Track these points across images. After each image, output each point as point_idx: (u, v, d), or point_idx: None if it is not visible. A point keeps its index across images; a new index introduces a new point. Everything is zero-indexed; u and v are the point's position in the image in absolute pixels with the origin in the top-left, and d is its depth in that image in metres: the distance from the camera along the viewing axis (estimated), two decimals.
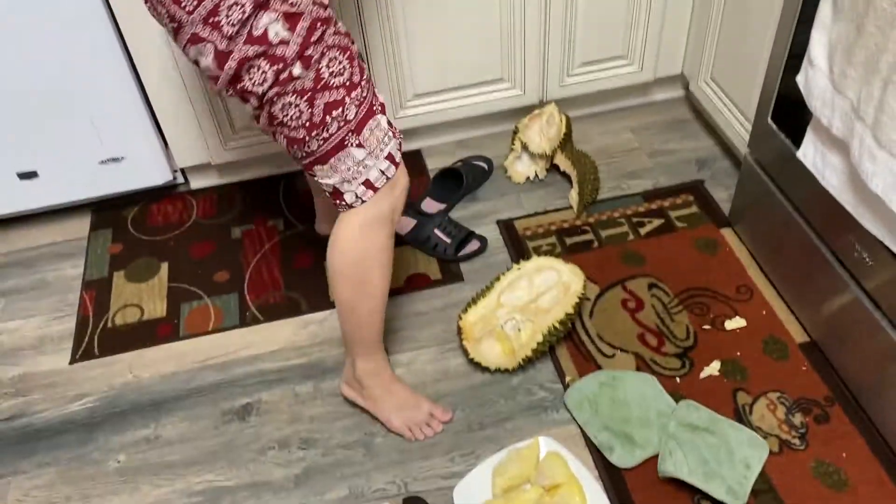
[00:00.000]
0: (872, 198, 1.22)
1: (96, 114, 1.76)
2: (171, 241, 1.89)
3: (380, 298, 1.35)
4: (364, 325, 1.37)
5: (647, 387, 1.48)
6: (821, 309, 1.50)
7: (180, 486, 1.43)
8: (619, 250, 1.77)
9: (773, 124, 1.53)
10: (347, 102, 1.15)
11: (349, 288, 1.31)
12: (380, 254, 1.29)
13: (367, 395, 1.47)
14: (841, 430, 1.41)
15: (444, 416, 1.48)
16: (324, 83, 1.12)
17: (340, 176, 1.20)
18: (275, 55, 1.06)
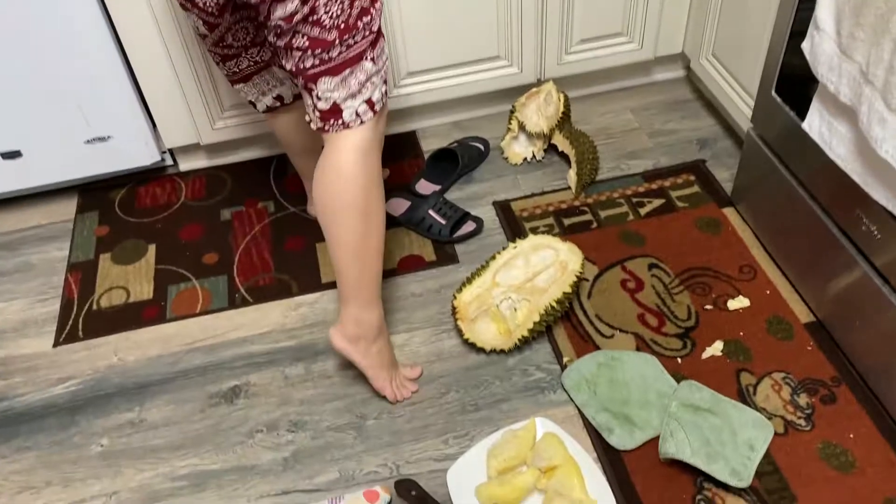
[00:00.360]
0: (882, 166, 1.18)
1: (82, 92, 1.71)
2: (158, 224, 1.84)
3: (383, 232, 1.29)
4: (372, 263, 1.30)
5: (647, 367, 1.43)
6: (827, 287, 1.45)
7: (164, 469, 1.38)
8: (619, 230, 1.73)
9: (777, 97, 1.48)
10: (373, 13, 1.15)
11: (359, 221, 1.23)
12: (380, 181, 1.24)
13: (364, 350, 1.38)
14: (848, 410, 1.36)
15: (412, 373, 1.46)
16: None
17: (347, 90, 1.16)
18: None
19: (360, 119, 1.18)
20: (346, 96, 1.17)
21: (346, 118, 1.18)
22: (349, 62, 1.15)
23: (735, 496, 1.26)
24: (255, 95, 1.49)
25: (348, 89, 1.16)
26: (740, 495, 1.26)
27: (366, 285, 1.32)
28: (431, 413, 1.43)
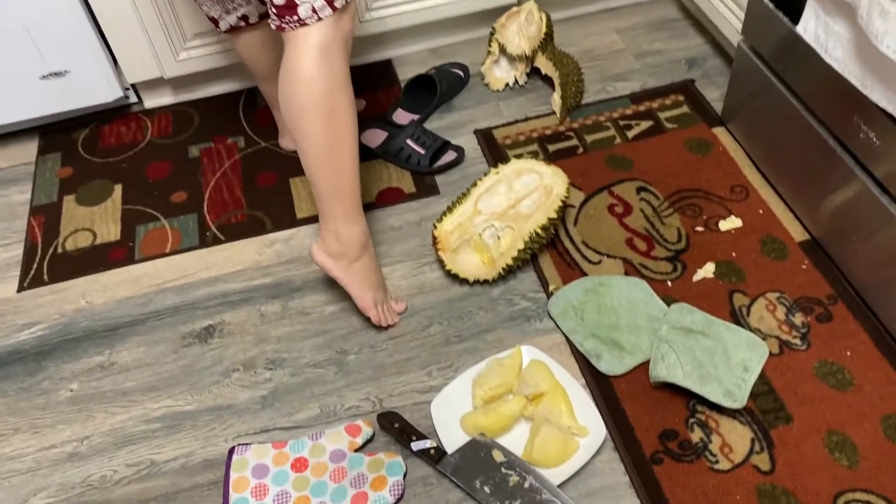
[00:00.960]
0: (882, 64, 1.10)
1: (31, 21, 1.60)
2: (124, 163, 1.76)
3: (355, 136, 1.20)
4: (345, 170, 1.21)
5: (636, 291, 1.38)
6: (823, 203, 1.39)
7: (137, 412, 1.33)
8: (606, 155, 1.65)
9: (770, 3, 1.40)
10: None
11: (323, 124, 1.15)
12: (346, 82, 1.15)
13: (345, 267, 1.31)
14: (844, 328, 1.32)
15: (397, 307, 1.41)
16: None
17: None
18: None
19: (318, 15, 1.09)
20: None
21: (302, 14, 1.09)
22: None
23: (729, 418, 1.22)
24: (219, 13, 1.40)
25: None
26: (734, 417, 1.22)
27: (342, 197, 1.23)
28: (414, 346, 1.38)
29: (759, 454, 1.18)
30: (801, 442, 1.19)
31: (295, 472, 1.19)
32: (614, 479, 1.18)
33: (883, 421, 1.20)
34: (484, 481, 1.16)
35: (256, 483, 1.18)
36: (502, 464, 1.17)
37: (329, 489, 1.17)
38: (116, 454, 1.28)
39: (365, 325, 1.41)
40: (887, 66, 1.09)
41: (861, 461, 1.16)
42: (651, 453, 1.19)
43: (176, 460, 1.26)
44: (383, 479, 1.17)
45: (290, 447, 1.22)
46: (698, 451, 1.19)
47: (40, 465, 1.27)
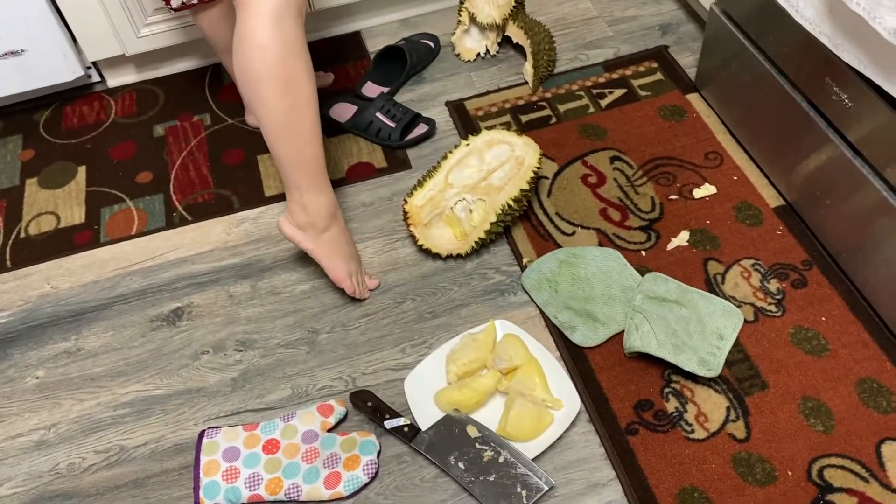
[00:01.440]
0: (852, 23, 1.08)
1: None
2: (88, 144, 1.71)
3: (313, 105, 1.17)
4: (306, 139, 1.18)
5: (610, 262, 1.36)
6: (797, 168, 1.38)
7: (106, 398, 1.30)
8: (579, 124, 1.63)
9: None
10: None
11: (280, 92, 1.12)
12: (301, 50, 1.12)
13: (314, 237, 1.29)
14: (819, 293, 1.31)
15: (370, 283, 1.39)
16: None
17: None
18: None
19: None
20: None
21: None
22: None
23: (704, 387, 1.21)
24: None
25: None
26: (709, 385, 1.21)
27: (305, 166, 1.21)
28: (387, 323, 1.36)
29: (735, 422, 1.17)
30: (776, 409, 1.18)
31: (266, 454, 1.17)
32: (589, 451, 1.17)
33: (857, 385, 1.19)
34: (458, 457, 1.15)
35: (228, 466, 1.17)
36: (476, 439, 1.16)
37: (302, 470, 1.15)
38: (85, 441, 1.25)
39: (337, 303, 1.39)
40: (857, 25, 1.07)
41: (836, 426, 1.16)
42: (626, 424, 1.18)
43: (146, 445, 1.24)
44: (356, 459, 1.15)
45: (261, 429, 1.20)
46: (673, 420, 1.18)
47: (6, 455, 1.24)
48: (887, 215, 1.17)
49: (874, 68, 1.07)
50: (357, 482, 1.14)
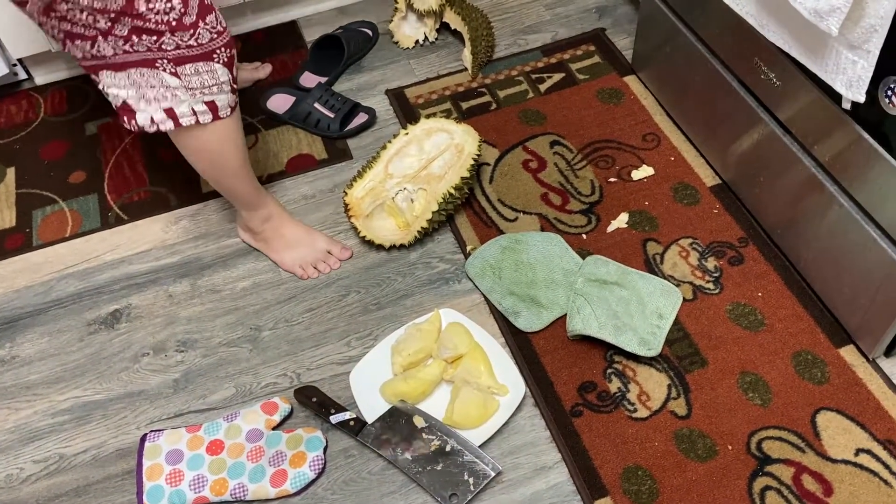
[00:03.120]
0: (775, 3, 1.10)
1: None
2: (16, 144, 1.65)
3: (240, 166, 1.26)
4: (235, 188, 1.31)
5: (551, 246, 1.37)
6: (731, 147, 1.40)
7: (43, 406, 1.27)
8: (519, 110, 1.63)
9: None
10: (164, 38, 1.05)
11: (209, 171, 1.27)
12: (226, 144, 1.21)
13: (260, 238, 1.41)
14: (756, 270, 1.34)
15: (342, 254, 1.41)
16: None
17: (136, 90, 1.09)
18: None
19: (158, 126, 1.12)
20: (137, 97, 1.10)
21: (140, 122, 1.12)
22: (132, 63, 1.07)
23: (646, 366, 1.23)
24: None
25: (137, 89, 1.10)
26: (651, 364, 1.23)
27: (237, 200, 1.34)
28: (331, 317, 1.35)
29: (676, 399, 1.19)
30: (715, 384, 1.21)
31: (211, 454, 1.16)
32: (536, 435, 1.18)
33: (793, 358, 1.23)
34: (405, 448, 1.14)
35: (171, 469, 1.15)
36: (423, 429, 1.16)
37: (247, 470, 1.14)
38: (22, 451, 1.22)
39: (280, 298, 1.37)
40: (781, 5, 1.08)
41: (773, 399, 1.19)
42: (570, 406, 1.20)
43: (86, 452, 1.21)
44: (302, 455, 1.14)
45: (204, 430, 1.19)
46: (616, 401, 1.20)
47: None
48: (816, 192, 1.20)
49: (798, 48, 1.08)
50: (304, 479, 1.13)
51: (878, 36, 0.93)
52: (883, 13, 0.91)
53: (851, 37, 0.97)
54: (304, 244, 1.39)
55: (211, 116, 1.14)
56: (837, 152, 1.13)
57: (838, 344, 1.23)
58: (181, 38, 1.05)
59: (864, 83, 0.98)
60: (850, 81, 1.00)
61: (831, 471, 1.11)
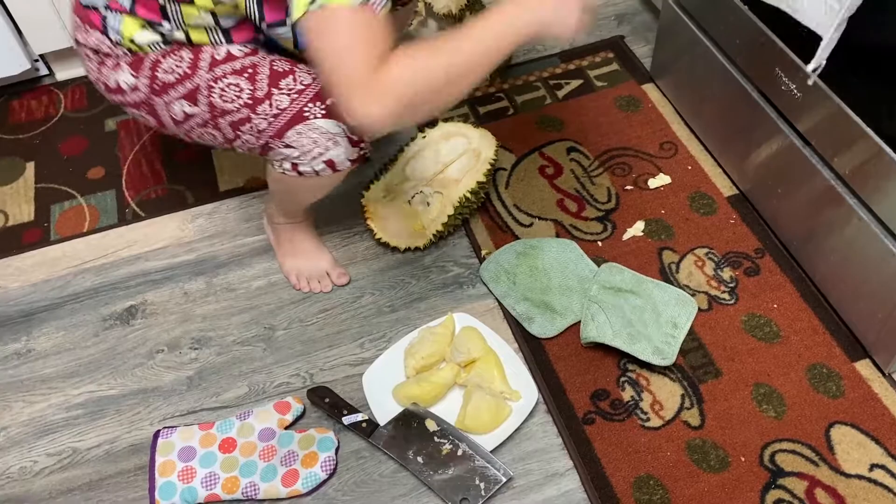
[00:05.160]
0: None
1: None
2: (36, 139, 1.67)
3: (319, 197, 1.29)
4: (292, 206, 1.33)
5: (566, 253, 1.37)
6: (749, 158, 1.40)
7: (57, 399, 1.27)
8: (536, 115, 1.63)
9: None
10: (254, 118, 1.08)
11: (286, 195, 1.27)
12: (324, 188, 1.24)
13: (274, 232, 1.41)
14: (772, 281, 1.33)
15: (339, 280, 1.39)
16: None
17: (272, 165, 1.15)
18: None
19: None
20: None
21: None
22: (256, 149, 1.13)
23: (659, 375, 1.23)
24: None
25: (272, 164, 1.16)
26: (665, 374, 1.23)
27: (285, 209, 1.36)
28: (345, 318, 1.35)
29: (690, 410, 1.19)
30: (729, 395, 1.20)
31: (223, 453, 1.16)
32: (547, 442, 1.18)
33: (808, 371, 1.22)
34: (417, 451, 1.15)
35: (183, 466, 1.15)
36: (435, 433, 1.16)
37: (259, 469, 1.14)
38: (36, 444, 1.23)
39: (294, 298, 1.38)
40: None
41: (787, 411, 1.18)
42: (583, 414, 1.19)
43: (100, 447, 1.22)
44: (314, 456, 1.15)
45: (217, 428, 1.19)
46: (629, 409, 1.20)
47: None
48: (835, 204, 1.19)
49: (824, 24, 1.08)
50: (315, 479, 1.13)
51: None
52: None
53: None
54: (308, 257, 1.38)
55: (329, 171, 1.13)
56: (857, 165, 1.12)
57: (854, 358, 1.23)
58: (264, 112, 1.06)
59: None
60: None
61: (845, 485, 1.10)
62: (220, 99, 1.07)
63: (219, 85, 1.07)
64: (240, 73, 1.07)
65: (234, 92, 1.07)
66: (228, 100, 1.07)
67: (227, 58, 1.07)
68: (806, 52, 1.15)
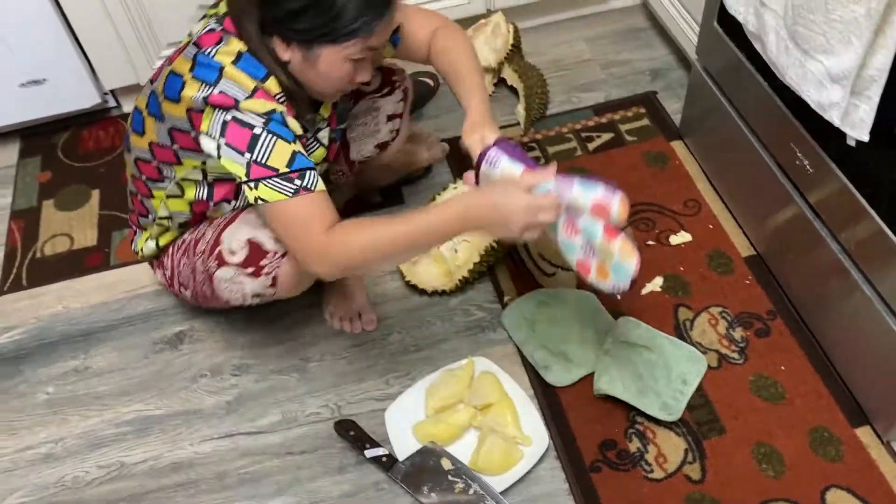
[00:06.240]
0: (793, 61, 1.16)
1: (7, 32, 1.65)
2: (102, 168, 1.81)
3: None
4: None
5: (586, 305, 1.45)
6: (766, 221, 1.46)
7: (109, 416, 1.40)
8: (566, 166, 1.71)
9: (720, 28, 1.45)
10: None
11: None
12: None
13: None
14: (781, 343, 1.39)
15: (367, 325, 1.47)
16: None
17: None
18: None
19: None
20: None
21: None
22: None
23: (665, 429, 1.30)
24: None
25: None
26: (671, 428, 1.29)
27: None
28: (374, 354, 1.45)
29: (692, 464, 1.25)
30: (731, 453, 1.26)
31: None
32: (555, 486, 1.26)
33: (810, 433, 1.27)
34: (431, 488, 1.23)
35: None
36: (450, 471, 1.25)
37: (560, 236, 1.15)
38: (89, 456, 1.35)
39: (327, 333, 1.48)
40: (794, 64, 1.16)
41: (787, 471, 1.23)
42: (590, 462, 1.27)
43: (145, 462, 1.34)
44: (606, 273, 1.12)
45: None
46: (635, 460, 1.26)
47: (17, 466, 1.34)
48: (841, 276, 1.24)
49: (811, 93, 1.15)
50: (601, 286, 1.13)
51: (878, 85, 1.03)
52: (880, 66, 1.01)
53: (854, 85, 1.06)
54: (344, 296, 1.46)
55: (267, 297, 1.26)
56: (861, 241, 1.18)
57: (855, 424, 1.28)
58: (199, 280, 1.30)
59: (867, 125, 1.07)
60: (854, 123, 1.08)
61: None
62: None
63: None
64: (195, 244, 1.29)
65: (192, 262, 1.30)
66: (188, 271, 1.31)
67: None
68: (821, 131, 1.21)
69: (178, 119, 1.13)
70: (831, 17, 1.05)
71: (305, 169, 1.10)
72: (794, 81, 1.14)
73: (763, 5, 1.20)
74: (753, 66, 1.35)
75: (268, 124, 1.08)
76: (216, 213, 1.29)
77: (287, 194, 1.09)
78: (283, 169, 1.08)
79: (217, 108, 1.08)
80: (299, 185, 1.09)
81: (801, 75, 1.14)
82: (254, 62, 1.09)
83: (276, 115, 1.08)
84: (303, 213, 1.11)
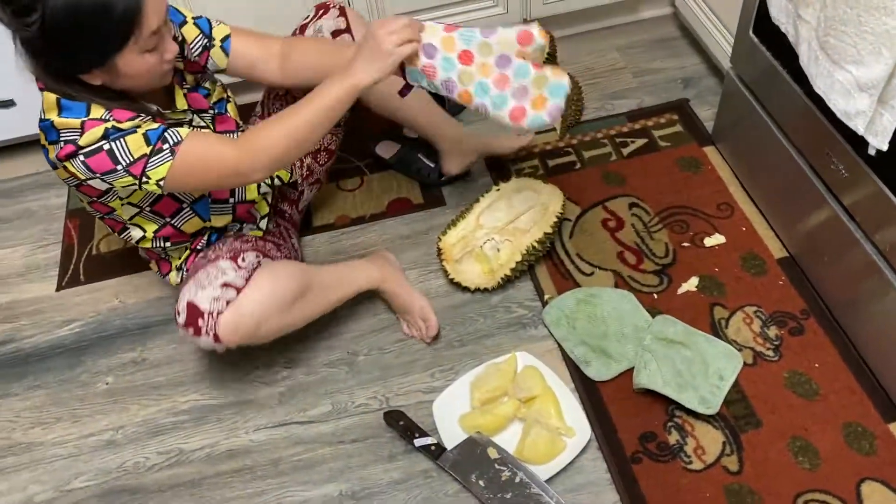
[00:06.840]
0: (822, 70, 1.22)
1: None
2: None
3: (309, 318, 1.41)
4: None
5: (624, 303, 1.50)
6: (799, 224, 1.50)
7: (167, 405, 1.46)
8: (602, 171, 1.77)
9: (755, 37, 1.50)
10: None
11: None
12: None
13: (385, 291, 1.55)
14: (815, 341, 1.43)
15: (430, 329, 1.49)
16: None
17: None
18: None
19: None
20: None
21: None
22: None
23: (704, 422, 1.34)
24: None
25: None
26: (708, 421, 1.34)
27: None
28: (419, 349, 1.50)
29: (729, 456, 1.30)
30: (768, 446, 1.31)
31: (462, 63, 1.19)
32: (597, 476, 1.31)
33: (844, 428, 1.32)
34: (479, 476, 1.29)
35: (427, 62, 1.19)
36: (496, 460, 1.30)
37: (491, 93, 1.19)
38: (148, 443, 1.41)
39: (374, 328, 1.54)
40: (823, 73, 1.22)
41: (822, 464, 1.28)
42: (631, 453, 1.32)
43: (202, 450, 1.40)
44: (543, 99, 1.17)
45: (458, 35, 1.19)
46: (674, 451, 1.31)
47: (80, 451, 1.41)
48: (875, 276, 1.29)
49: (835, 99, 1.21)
50: (539, 122, 1.19)
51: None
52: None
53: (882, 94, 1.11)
54: (404, 309, 1.51)
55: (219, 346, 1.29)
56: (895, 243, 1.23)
57: (888, 419, 1.32)
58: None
59: (888, 135, 1.12)
60: (877, 131, 1.13)
61: None
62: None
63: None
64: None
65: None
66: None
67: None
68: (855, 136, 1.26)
69: (67, 179, 1.20)
70: (863, 29, 1.11)
71: (162, 133, 1.16)
72: (821, 90, 1.20)
73: (799, 17, 1.26)
74: (790, 75, 1.40)
75: (108, 138, 1.14)
76: (193, 226, 1.36)
77: (169, 159, 1.16)
78: (147, 150, 1.15)
79: (70, 158, 1.14)
80: (171, 145, 1.16)
81: (829, 85, 1.19)
82: (70, 104, 1.14)
83: (109, 130, 1.14)
84: (197, 154, 1.18)
